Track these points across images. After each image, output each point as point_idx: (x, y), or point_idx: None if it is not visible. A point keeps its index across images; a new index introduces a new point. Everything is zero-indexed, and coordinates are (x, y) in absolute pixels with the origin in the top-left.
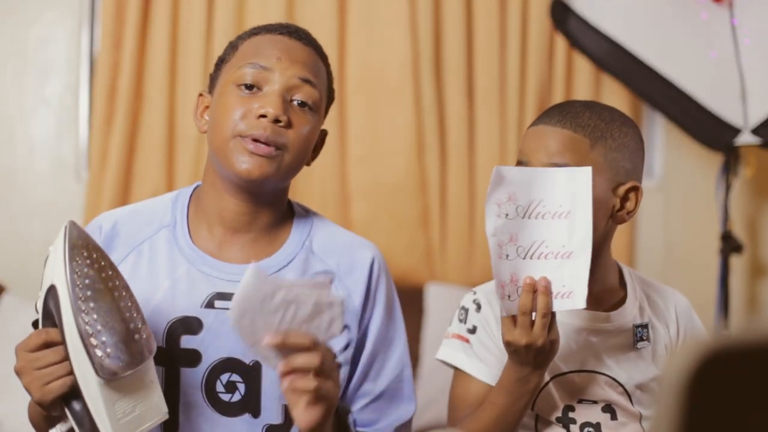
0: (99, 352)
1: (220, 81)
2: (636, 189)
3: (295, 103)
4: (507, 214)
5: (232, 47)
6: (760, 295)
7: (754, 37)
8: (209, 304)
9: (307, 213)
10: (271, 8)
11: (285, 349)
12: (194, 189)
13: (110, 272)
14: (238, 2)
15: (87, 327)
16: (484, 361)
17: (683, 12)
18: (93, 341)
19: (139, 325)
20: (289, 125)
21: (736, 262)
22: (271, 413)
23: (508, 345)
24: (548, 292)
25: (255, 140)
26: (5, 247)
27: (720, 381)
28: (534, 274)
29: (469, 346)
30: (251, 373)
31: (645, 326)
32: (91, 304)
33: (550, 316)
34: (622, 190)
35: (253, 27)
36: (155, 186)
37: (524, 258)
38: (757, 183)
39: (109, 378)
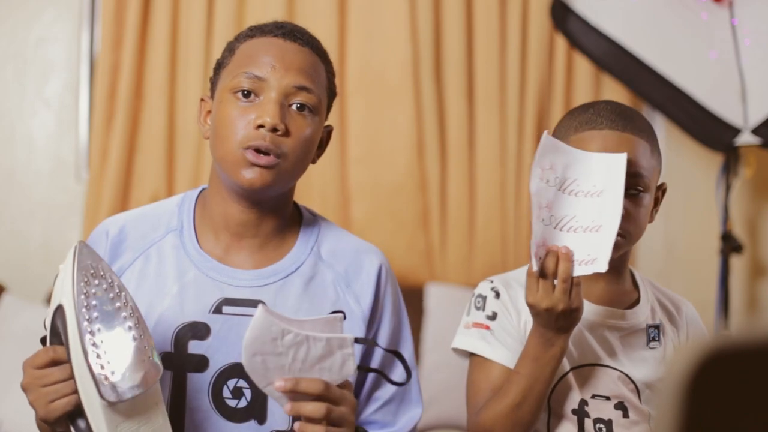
0: (104, 375)
1: (219, 87)
2: (664, 188)
3: (294, 107)
4: (548, 181)
5: (229, 51)
6: (760, 295)
7: (754, 37)
8: (217, 310)
9: (314, 217)
10: (271, 8)
11: (295, 394)
12: (200, 192)
13: (119, 293)
14: (238, 2)
15: (92, 348)
16: (507, 346)
17: (683, 12)
18: (98, 363)
19: (146, 348)
20: (287, 133)
21: (736, 262)
22: (278, 420)
23: (530, 307)
24: (569, 258)
25: (256, 150)
26: (5, 247)
27: (720, 381)
28: (561, 244)
29: (490, 333)
30: None
31: (657, 327)
32: (98, 326)
33: (571, 282)
34: (659, 191)
35: (249, 27)
36: (155, 186)
37: (554, 228)
38: (757, 183)
39: (113, 401)
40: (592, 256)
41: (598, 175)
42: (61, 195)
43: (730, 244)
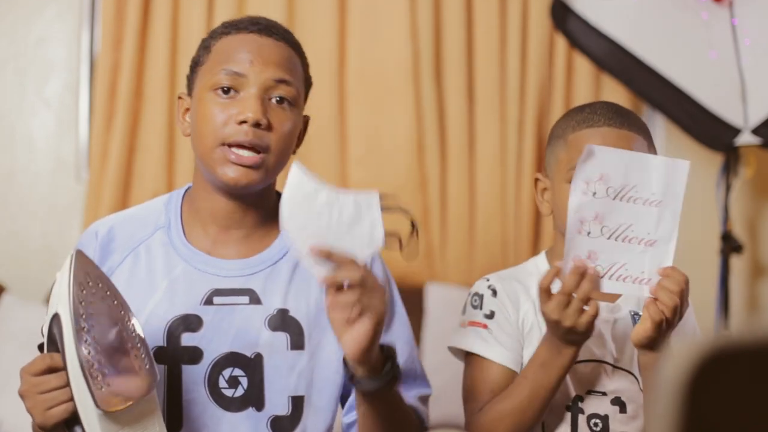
0: (99, 384)
1: (197, 85)
2: None
3: (274, 100)
4: (595, 193)
5: (205, 48)
6: (760, 295)
7: (754, 37)
8: (208, 301)
9: None
10: (271, 8)
11: (329, 260)
12: (186, 190)
13: (115, 302)
14: (238, 2)
15: (88, 357)
16: (504, 345)
17: (683, 12)
18: (94, 373)
19: (142, 356)
20: (269, 127)
21: (736, 262)
22: (276, 405)
23: (543, 314)
24: (594, 279)
25: (239, 147)
26: (5, 247)
27: (720, 381)
28: (616, 255)
29: (488, 332)
30: (253, 366)
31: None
32: (94, 335)
33: (587, 301)
34: None
35: (223, 23)
36: (155, 186)
37: (608, 238)
38: (757, 183)
39: (109, 410)
40: (646, 275)
41: (658, 182)
42: (61, 195)
43: (730, 244)
